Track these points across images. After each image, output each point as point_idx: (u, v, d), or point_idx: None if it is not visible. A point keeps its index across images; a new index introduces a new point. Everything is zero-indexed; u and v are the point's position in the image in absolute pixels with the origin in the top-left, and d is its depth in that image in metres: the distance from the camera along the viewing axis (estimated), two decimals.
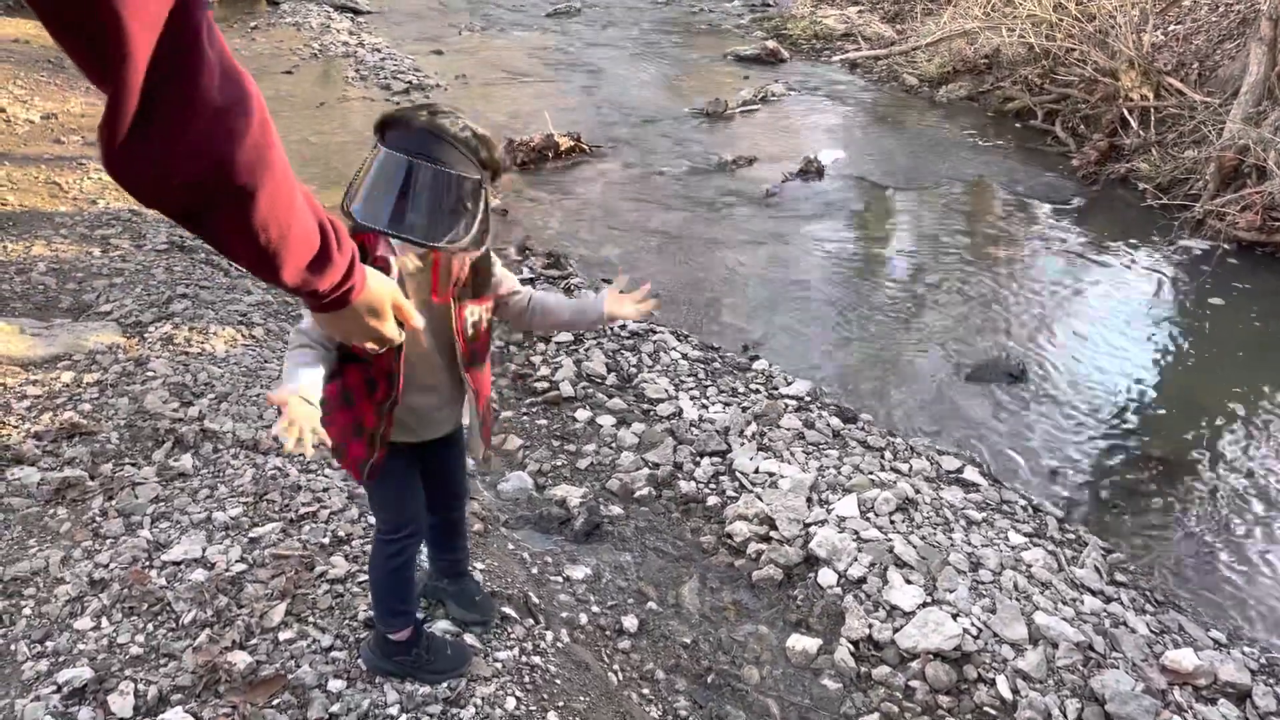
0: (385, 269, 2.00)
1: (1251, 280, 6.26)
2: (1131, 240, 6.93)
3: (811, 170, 7.96)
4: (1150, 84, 8.39)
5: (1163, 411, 4.95)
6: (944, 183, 8.00)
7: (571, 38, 12.59)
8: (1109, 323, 5.76)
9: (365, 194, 1.93)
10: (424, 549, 2.80)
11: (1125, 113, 8.31)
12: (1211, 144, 7.28)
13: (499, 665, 2.69)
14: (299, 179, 1.20)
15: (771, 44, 11.99)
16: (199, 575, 2.87)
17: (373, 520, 2.82)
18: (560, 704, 2.63)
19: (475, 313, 2.27)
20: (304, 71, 10.28)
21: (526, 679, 2.67)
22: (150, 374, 3.97)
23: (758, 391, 4.69)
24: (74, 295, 4.68)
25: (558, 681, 2.72)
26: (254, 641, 2.64)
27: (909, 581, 3.33)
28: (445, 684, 2.56)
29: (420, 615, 2.67)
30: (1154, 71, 8.48)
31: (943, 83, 10.62)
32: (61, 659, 2.57)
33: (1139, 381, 5.16)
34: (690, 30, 13.36)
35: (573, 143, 8.25)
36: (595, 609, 3.17)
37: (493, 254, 2.29)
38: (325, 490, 3.34)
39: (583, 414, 4.39)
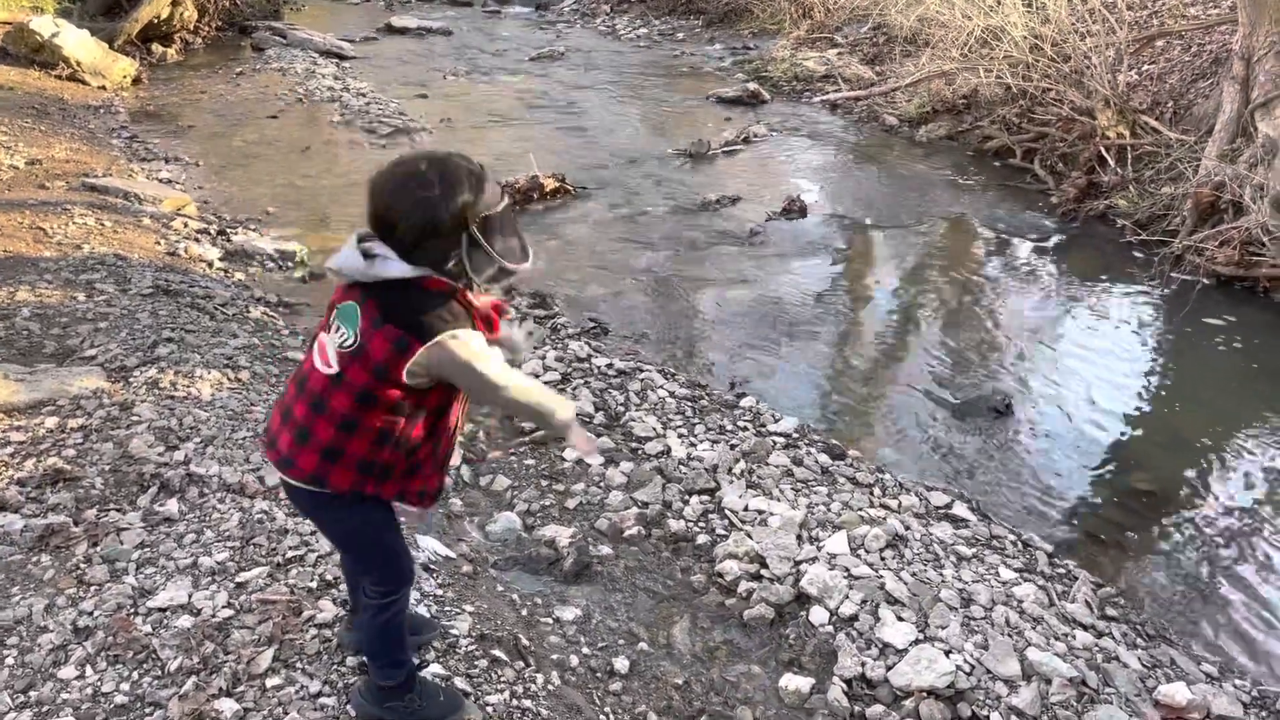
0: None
1: (1231, 313, 6.33)
2: (1112, 276, 7.01)
3: (795, 209, 8.03)
4: (1126, 122, 8.53)
5: (1148, 445, 4.98)
6: (925, 221, 8.09)
7: (555, 81, 12.71)
8: (1092, 357, 5.80)
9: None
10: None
11: (1102, 150, 8.43)
12: (1188, 180, 7.40)
13: (490, 709, 2.66)
14: (284, 221, 1.25)
15: (753, 86, 12.15)
16: (185, 621, 2.84)
17: None
18: None
19: None
20: (289, 116, 10.33)
21: None
22: (135, 418, 3.94)
23: (746, 429, 4.69)
24: (58, 340, 4.66)
25: None
26: (241, 689, 2.61)
27: (901, 618, 3.32)
28: None
29: (415, 660, 2.65)
30: (1130, 110, 8.63)
31: (922, 122, 10.76)
32: (45, 709, 2.53)
33: (1123, 415, 5.20)
34: (672, 73, 13.53)
35: (558, 184, 8.31)
36: (586, 650, 3.14)
37: None
38: (313, 533, 3.31)
39: (571, 453, 4.38)
